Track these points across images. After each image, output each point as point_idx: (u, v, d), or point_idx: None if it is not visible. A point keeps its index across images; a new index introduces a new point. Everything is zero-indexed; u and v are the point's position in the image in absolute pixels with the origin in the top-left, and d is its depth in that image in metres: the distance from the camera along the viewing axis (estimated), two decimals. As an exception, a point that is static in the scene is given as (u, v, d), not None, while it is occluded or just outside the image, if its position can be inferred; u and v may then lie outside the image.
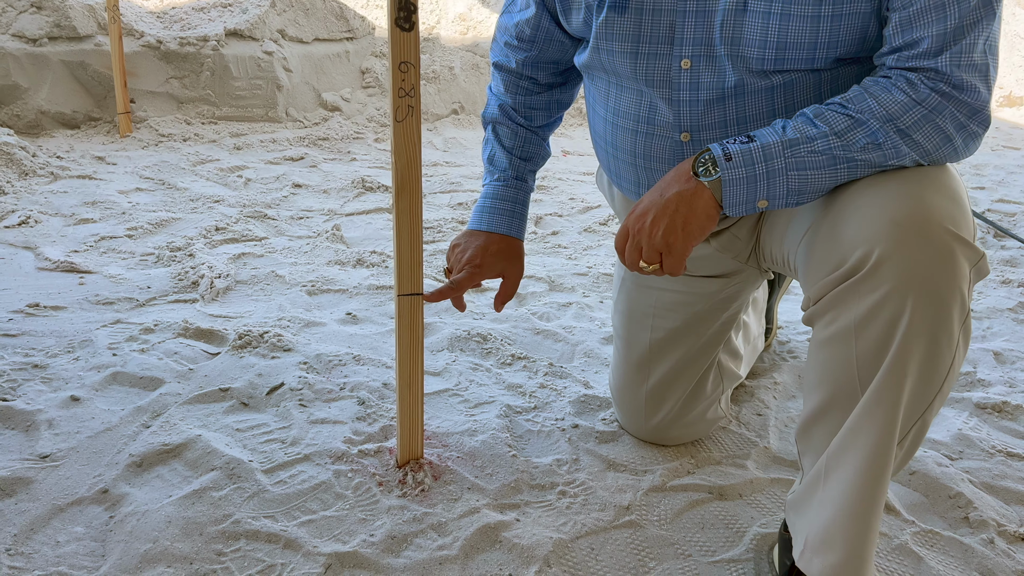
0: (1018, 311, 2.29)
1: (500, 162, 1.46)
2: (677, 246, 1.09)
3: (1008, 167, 4.19)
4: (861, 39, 1.10)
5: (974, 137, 1.06)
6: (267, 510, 1.32)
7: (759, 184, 1.06)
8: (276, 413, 1.61)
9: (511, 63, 1.45)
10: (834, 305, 1.03)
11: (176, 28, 4.30)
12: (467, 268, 1.39)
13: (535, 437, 1.58)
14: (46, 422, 1.52)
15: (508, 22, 1.44)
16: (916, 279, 0.96)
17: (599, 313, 2.19)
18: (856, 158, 1.04)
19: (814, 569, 1.07)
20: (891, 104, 1.03)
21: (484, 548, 1.27)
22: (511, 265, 1.43)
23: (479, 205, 1.46)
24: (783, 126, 1.07)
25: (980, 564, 1.28)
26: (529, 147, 1.47)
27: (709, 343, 1.49)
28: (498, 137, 1.47)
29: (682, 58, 1.18)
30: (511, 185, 1.45)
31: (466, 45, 5.14)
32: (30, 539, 1.24)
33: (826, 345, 1.06)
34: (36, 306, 2.04)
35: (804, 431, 1.13)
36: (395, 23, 1.12)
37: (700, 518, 1.38)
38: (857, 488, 1.03)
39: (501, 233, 1.43)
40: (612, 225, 3.05)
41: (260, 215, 2.93)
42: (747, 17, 1.11)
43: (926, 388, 1.01)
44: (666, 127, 1.24)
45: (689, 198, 1.08)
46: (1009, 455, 1.57)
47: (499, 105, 1.48)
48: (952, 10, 1.00)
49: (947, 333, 0.99)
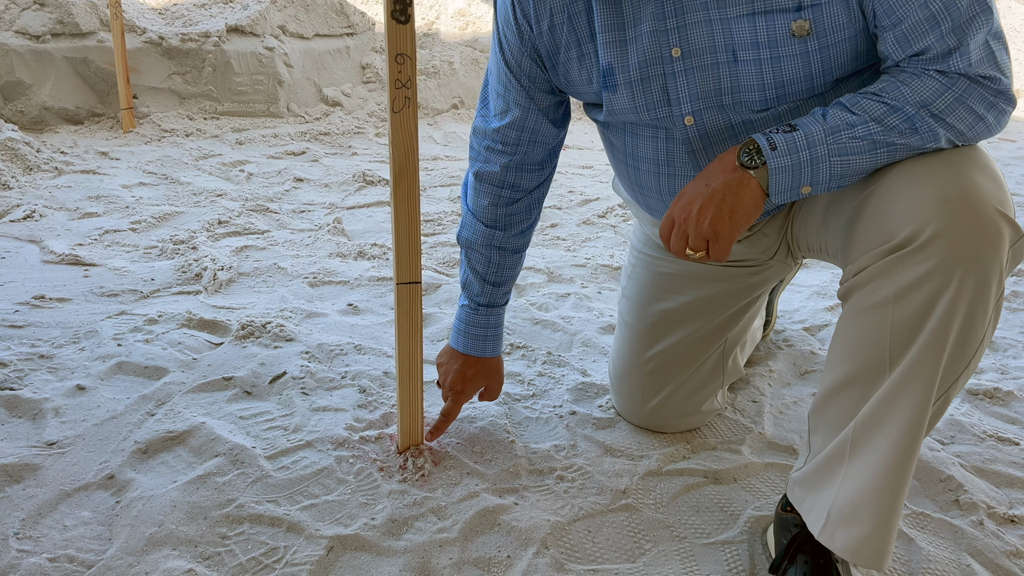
0: (1012, 300, 2.31)
1: (473, 287, 1.49)
2: (725, 234, 1.11)
3: (1004, 159, 4.20)
4: (854, 58, 1.12)
5: (1003, 113, 1.08)
6: (270, 495, 1.35)
7: (804, 170, 1.08)
8: (279, 401, 1.63)
9: (494, 168, 1.42)
10: (877, 275, 1.04)
11: (178, 24, 4.32)
12: (451, 395, 1.51)
13: (533, 424, 1.60)
14: (53, 410, 1.55)
15: (487, 127, 1.42)
16: (965, 255, 0.98)
17: (597, 303, 2.22)
18: (895, 142, 1.06)
19: (837, 542, 1.08)
20: (923, 90, 1.05)
21: (483, 531, 1.30)
22: (490, 380, 1.54)
23: (455, 326, 1.53)
24: (823, 114, 1.09)
25: (969, 545, 1.30)
26: (501, 272, 1.48)
27: (718, 328, 1.51)
28: (471, 262, 1.48)
29: (684, 116, 1.21)
30: (481, 313, 1.49)
31: (465, 40, 5.16)
32: (38, 523, 1.27)
33: (860, 315, 1.07)
34: (42, 298, 2.07)
35: (821, 406, 1.14)
36: (391, 16, 1.14)
37: (695, 501, 1.40)
38: (890, 461, 1.03)
39: (476, 356, 1.50)
40: (611, 217, 3.07)
41: (262, 209, 2.96)
42: (740, 67, 1.14)
43: (957, 363, 1.03)
44: (685, 167, 1.27)
45: (736, 187, 1.10)
46: (999, 440, 1.59)
47: (475, 225, 1.46)
48: (943, 17, 1.03)
49: (983, 310, 1.01)
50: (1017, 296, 2.34)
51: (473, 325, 1.49)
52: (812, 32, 1.09)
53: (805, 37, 1.09)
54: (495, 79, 1.39)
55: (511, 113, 1.38)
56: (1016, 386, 1.80)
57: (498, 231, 1.45)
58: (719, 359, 1.55)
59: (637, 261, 1.56)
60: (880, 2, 1.05)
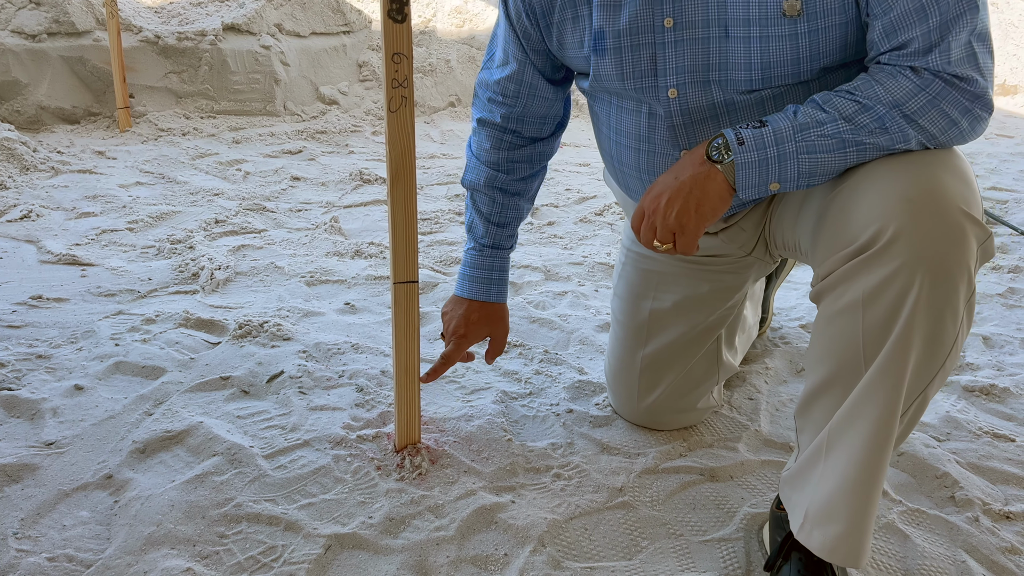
0: (1007, 296, 2.32)
1: (477, 230, 1.50)
2: (690, 227, 1.12)
3: (1001, 155, 4.21)
4: (843, 47, 1.12)
5: (979, 120, 1.08)
6: (268, 494, 1.35)
7: (771, 167, 1.09)
8: (276, 400, 1.64)
9: (495, 118, 1.45)
10: (844, 279, 1.05)
11: (174, 23, 4.32)
12: (453, 339, 1.50)
13: (530, 422, 1.61)
14: (51, 410, 1.55)
15: (489, 78, 1.45)
16: (927, 255, 0.98)
17: (594, 301, 2.22)
18: (864, 141, 1.07)
19: (814, 541, 1.09)
20: (897, 90, 1.05)
21: (480, 529, 1.30)
22: (495, 328, 1.53)
23: (460, 272, 1.53)
24: (794, 111, 1.10)
25: (965, 542, 1.31)
26: (507, 213, 1.49)
27: (707, 329, 1.52)
28: (476, 204, 1.50)
29: (668, 88, 1.21)
30: (486, 254, 1.50)
31: (462, 38, 5.16)
32: (37, 523, 1.27)
33: (833, 319, 1.07)
34: (39, 298, 2.07)
35: (804, 407, 1.15)
36: (388, 15, 1.15)
37: (692, 499, 1.41)
38: (860, 460, 1.04)
39: (480, 301, 1.50)
40: (607, 215, 3.07)
41: (259, 208, 2.96)
42: (730, 43, 1.14)
43: (930, 363, 1.03)
44: (665, 145, 1.28)
45: (703, 181, 1.11)
46: (995, 436, 1.60)
47: (479, 168, 1.49)
48: (932, 10, 1.03)
49: (952, 310, 1.01)
50: (1014, 292, 2.34)
51: (478, 268, 1.50)
52: (803, 13, 1.09)
53: (795, 17, 1.09)
54: (499, 31, 1.41)
55: (510, 66, 1.41)
56: (1012, 383, 1.80)
57: (500, 173, 1.47)
58: (713, 356, 1.55)
59: (626, 259, 1.56)
60: None
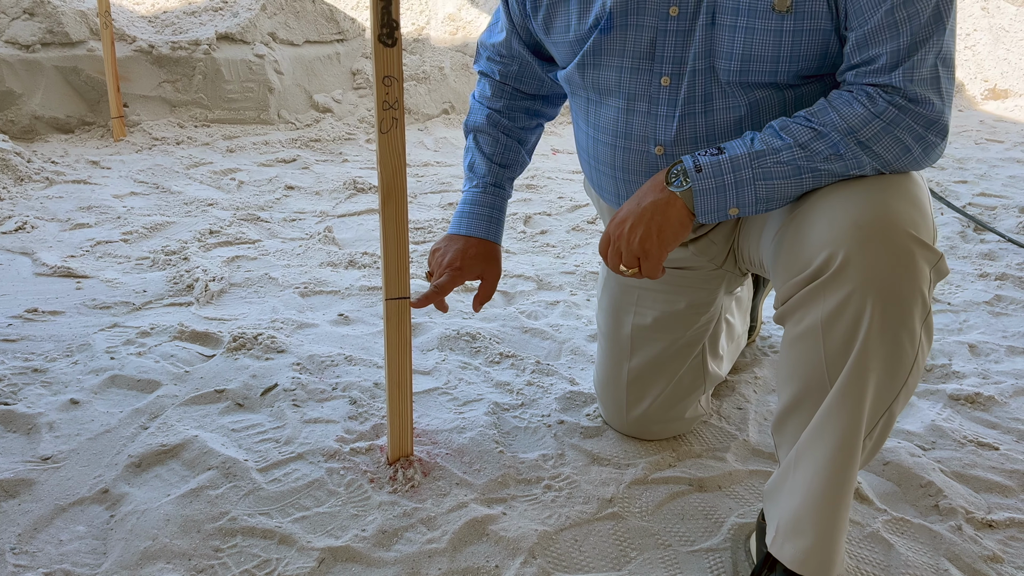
0: (994, 304, 2.35)
1: (479, 168, 1.51)
2: (653, 251, 1.16)
3: (991, 160, 4.24)
4: (822, 55, 1.15)
5: (932, 147, 1.12)
6: (262, 507, 1.37)
7: (728, 193, 1.12)
8: (270, 413, 1.66)
9: (495, 75, 1.52)
10: (801, 305, 1.09)
11: (168, 32, 4.33)
12: (448, 271, 1.44)
13: (522, 433, 1.63)
14: (47, 425, 1.57)
15: (488, 40, 1.51)
16: (877, 280, 1.02)
17: (586, 311, 2.24)
18: (819, 168, 1.10)
19: (785, 554, 1.13)
20: (851, 117, 1.09)
21: (472, 541, 1.32)
22: (490, 267, 1.49)
23: (458, 211, 1.51)
24: (751, 138, 1.13)
25: (948, 550, 1.33)
26: (508, 154, 1.52)
27: (689, 342, 1.54)
28: (478, 145, 1.52)
29: (662, 75, 1.24)
30: (489, 191, 1.50)
31: (456, 45, 5.18)
32: (34, 538, 1.29)
33: (796, 343, 1.12)
34: (34, 311, 2.08)
35: (779, 424, 1.19)
36: (378, 39, 1.17)
37: (680, 509, 1.43)
38: (825, 476, 1.08)
39: (479, 237, 1.48)
40: (600, 224, 3.09)
41: (253, 218, 2.98)
42: (716, 31, 1.17)
43: (891, 383, 1.07)
44: (641, 141, 1.30)
45: (663, 207, 1.15)
46: (980, 445, 1.62)
47: (481, 109, 1.53)
48: (904, 28, 1.06)
49: (908, 331, 1.05)
50: (1000, 300, 2.37)
51: (480, 205, 1.49)
52: (792, 10, 1.12)
53: (784, 13, 1.12)
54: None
55: (502, 34, 1.46)
56: (997, 391, 1.83)
57: (503, 118, 1.52)
58: (699, 367, 1.58)
59: (608, 273, 1.59)
60: (852, 2, 1.09)
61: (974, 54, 6.26)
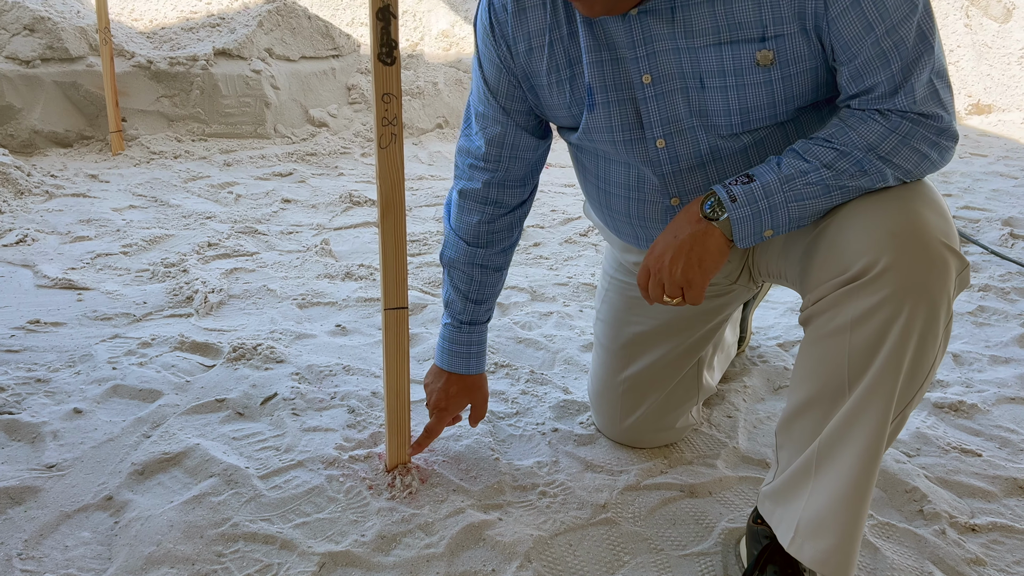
0: (977, 315, 2.39)
1: (455, 306, 1.53)
2: (697, 280, 1.20)
3: (974, 174, 4.30)
4: (815, 88, 1.20)
5: (947, 150, 1.17)
6: (264, 513, 1.40)
7: (763, 217, 1.16)
8: (270, 422, 1.69)
9: (476, 184, 1.46)
10: (834, 305, 1.12)
11: (166, 48, 4.38)
12: (435, 413, 1.55)
13: (517, 441, 1.67)
14: (51, 434, 1.60)
15: (469, 145, 1.46)
16: (914, 286, 1.06)
17: (579, 322, 2.28)
18: (847, 184, 1.15)
19: (806, 554, 1.15)
20: (869, 134, 1.13)
21: (468, 546, 1.36)
22: (474, 397, 1.58)
23: (439, 344, 1.57)
24: (778, 163, 1.17)
25: (932, 554, 1.37)
26: (483, 290, 1.52)
27: (689, 350, 1.58)
28: (453, 281, 1.52)
29: (656, 139, 1.28)
30: (464, 331, 1.54)
31: (449, 61, 5.24)
32: (40, 544, 1.32)
33: (820, 341, 1.15)
34: (37, 322, 2.11)
35: (786, 425, 1.22)
36: (378, 58, 1.21)
37: (672, 514, 1.46)
38: (851, 477, 1.11)
39: (459, 373, 1.55)
40: (592, 236, 3.14)
41: (251, 230, 3.01)
42: (707, 93, 1.21)
43: (911, 385, 1.11)
44: (655, 193, 1.34)
45: (702, 238, 1.18)
46: (963, 451, 1.67)
47: (457, 243, 1.50)
48: (894, 55, 1.11)
49: (933, 335, 1.09)
50: (984, 311, 2.42)
51: (456, 343, 1.54)
52: (775, 62, 1.16)
53: (769, 67, 1.16)
54: (475, 98, 1.44)
55: (491, 131, 1.42)
56: (980, 399, 1.87)
57: (480, 249, 1.49)
58: (693, 378, 1.62)
59: (610, 286, 1.63)
60: (837, 38, 1.12)
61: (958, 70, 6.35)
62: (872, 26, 1.09)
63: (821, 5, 1.10)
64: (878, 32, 1.09)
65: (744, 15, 1.14)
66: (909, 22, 1.09)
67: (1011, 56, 6.54)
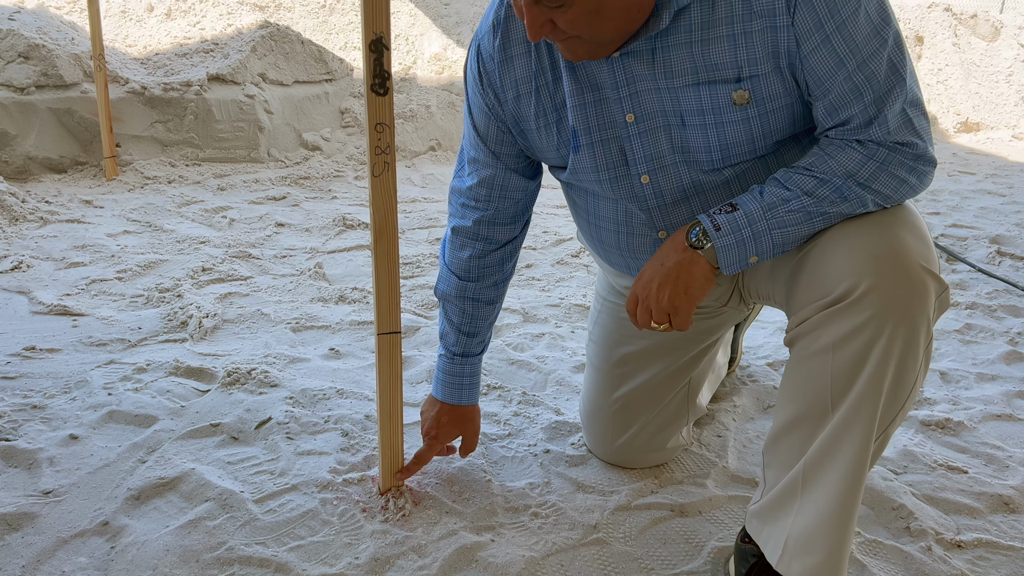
0: (964, 332, 2.43)
1: (448, 338, 1.57)
2: (683, 307, 1.24)
3: (963, 192, 4.36)
4: (791, 123, 1.24)
5: (925, 175, 1.21)
6: (258, 537, 1.42)
7: (747, 245, 1.20)
8: (265, 446, 1.71)
9: (467, 222, 1.50)
10: (817, 326, 1.16)
11: (160, 74, 4.42)
12: (426, 440, 1.58)
13: (509, 462, 1.68)
14: (47, 460, 1.61)
15: (461, 186, 1.50)
16: (895, 308, 1.09)
17: (571, 343, 2.31)
18: (828, 211, 1.19)
19: (794, 571, 1.18)
20: (848, 162, 1.17)
21: (461, 567, 1.37)
22: (465, 428, 1.61)
23: (435, 374, 1.61)
24: (760, 191, 1.21)
25: (918, 570, 1.39)
26: (476, 323, 1.56)
27: (680, 370, 1.61)
28: (447, 313, 1.56)
29: (640, 175, 1.32)
30: (457, 362, 1.57)
31: (442, 84, 5.29)
32: (37, 570, 1.33)
33: (804, 361, 1.18)
34: (32, 349, 2.13)
35: (772, 444, 1.25)
36: (371, 89, 1.24)
37: (662, 534, 1.48)
38: (839, 495, 1.14)
39: (452, 404, 1.58)
40: (584, 257, 3.17)
41: (245, 255, 3.04)
42: (688, 131, 1.25)
43: (893, 404, 1.15)
44: (643, 227, 1.38)
45: (688, 266, 1.22)
46: (949, 468, 1.69)
47: (450, 278, 1.54)
48: (866, 89, 1.15)
49: (914, 356, 1.12)
50: (971, 328, 2.45)
51: (449, 374, 1.57)
52: (752, 101, 1.20)
53: (745, 105, 1.20)
54: (467, 143, 1.49)
55: (482, 173, 1.46)
56: (966, 416, 1.90)
57: (470, 283, 1.53)
58: (684, 399, 1.64)
59: (602, 307, 1.65)
60: (811, 74, 1.16)
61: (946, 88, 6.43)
62: (844, 62, 1.13)
63: (793, 43, 1.14)
64: (849, 67, 1.13)
65: (720, 57, 1.18)
66: (879, 56, 1.13)
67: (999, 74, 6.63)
